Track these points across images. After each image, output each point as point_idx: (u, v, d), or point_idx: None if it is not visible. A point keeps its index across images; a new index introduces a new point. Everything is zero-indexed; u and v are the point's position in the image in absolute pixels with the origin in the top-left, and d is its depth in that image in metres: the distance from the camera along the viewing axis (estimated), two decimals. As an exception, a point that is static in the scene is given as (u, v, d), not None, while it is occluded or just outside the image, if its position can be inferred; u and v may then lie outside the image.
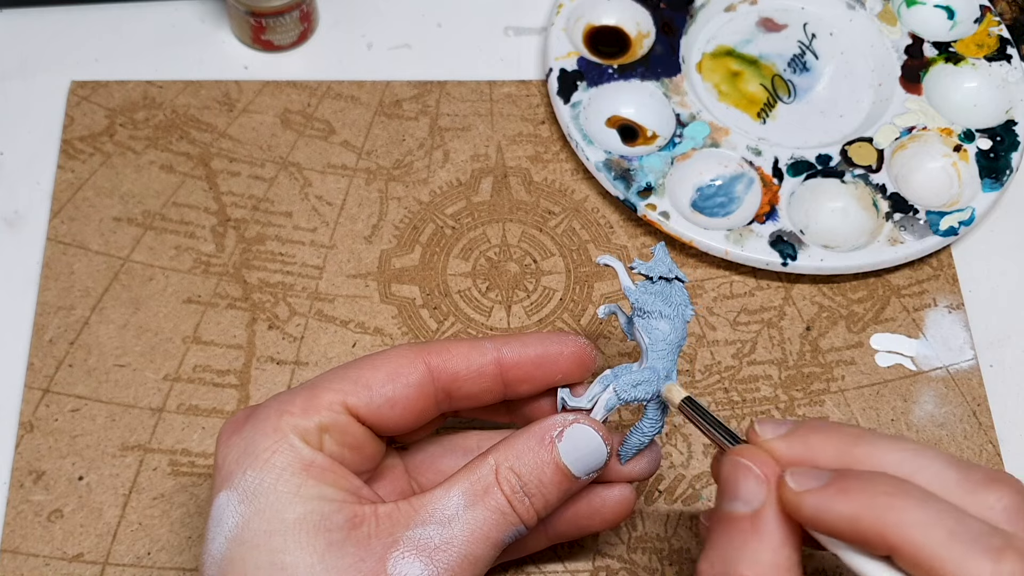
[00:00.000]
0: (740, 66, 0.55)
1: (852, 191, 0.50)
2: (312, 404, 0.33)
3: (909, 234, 0.49)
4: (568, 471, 0.35)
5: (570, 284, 0.48)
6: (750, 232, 0.49)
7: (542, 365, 0.36)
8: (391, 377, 0.34)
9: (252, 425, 0.33)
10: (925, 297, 0.49)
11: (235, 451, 0.33)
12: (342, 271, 0.48)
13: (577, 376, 0.37)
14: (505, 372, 0.36)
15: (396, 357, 0.35)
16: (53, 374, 0.45)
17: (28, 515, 0.42)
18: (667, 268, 0.37)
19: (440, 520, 0.33)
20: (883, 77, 0.54)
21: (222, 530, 0.32)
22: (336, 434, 0.33)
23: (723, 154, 0.51)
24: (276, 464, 0.32)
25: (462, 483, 0.34)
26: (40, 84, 0.52)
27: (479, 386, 0.36)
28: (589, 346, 0.37)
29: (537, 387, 0.37)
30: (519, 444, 0.35)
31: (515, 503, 0.34)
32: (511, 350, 0.36)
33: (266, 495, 0.32)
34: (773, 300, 0.49)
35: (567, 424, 0.35)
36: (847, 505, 0.28)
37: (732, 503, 0.30)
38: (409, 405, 0.35)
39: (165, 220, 0.49)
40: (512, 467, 0.34)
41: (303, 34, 0.54)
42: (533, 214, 0.50)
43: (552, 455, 0.35)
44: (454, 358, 0.35)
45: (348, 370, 0.35)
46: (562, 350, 0.36)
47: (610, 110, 0.52)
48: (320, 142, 0.51)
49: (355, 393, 0.34)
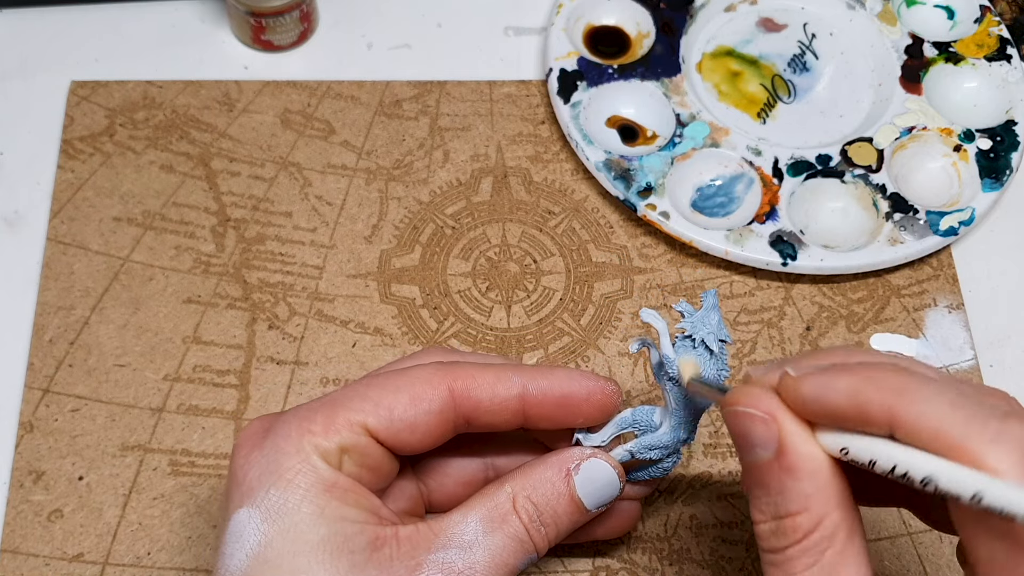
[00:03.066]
0: (740, 66, 0.55)
1: (852, 191, 0.50)
2: (333, 424, 0.33)
3: (909, 234, 0.49)
4: (581, 503, 0.35)
5: (570, 284, 0.48)
6: (750, 232, 0.49)
7: (565, 407, 0.36)
8: (413, 402, 0.34)
9: (273, 442, 0.33)
10: (925, 297, 0.49)
11: (256, 468, 0.33)
12: (342, 271, 0.48)
13: (597, 421, 0.36)
14: (527, 408, 0.35)
15: (420, 380, 0.34)
16: (53, 374, 0.45)
17: (28, 515, 0.42)
18: (715, 326, 0.35)
19: (461, 544, 0.33)
20: (883, 77, 0.54)
21: (242, 547, 0.32)
22: (355, 455, 0.33)
23: (723, 154, 0.51)
24: (300, 485, 0.32)
25: (479, 509, 0.34)
26: (40, 84, 0.52)
27: (499, 418, 0.35)
28: (615, 393, 0.36)
29: (556, 426, 0.36)
30: (536, 475, 0.35)
31: (532, 532, 0.34)
32: (536, 387, 0.35)
33: (290, 515, 0.32)
34: (773, 300, 0.49)
35: (584, 458, 0.35)
36: (848, 381, 0.28)
37: (751, 454, 0.30)
38: (429, 430, 0.34)
39: (165, 220, 0.49)
40: (529, 496, 0.34)
41: (303, 34, 0.54)
42: (533, 214, 0.50)
43: (568, 487, 0.35)
44: (479, 387, 0.35)
45: (370, 390, 0.34)
46: (588, 397, 0.36)
47: (610, 110, 0.52)
48: (320, 142, 0.51)
49: (376, 415, 0.33)
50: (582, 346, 0.47)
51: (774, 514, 0.29)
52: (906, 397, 0.27)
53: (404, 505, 0.37)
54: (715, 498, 0.43)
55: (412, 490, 0.37)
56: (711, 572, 0.42)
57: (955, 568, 0.42)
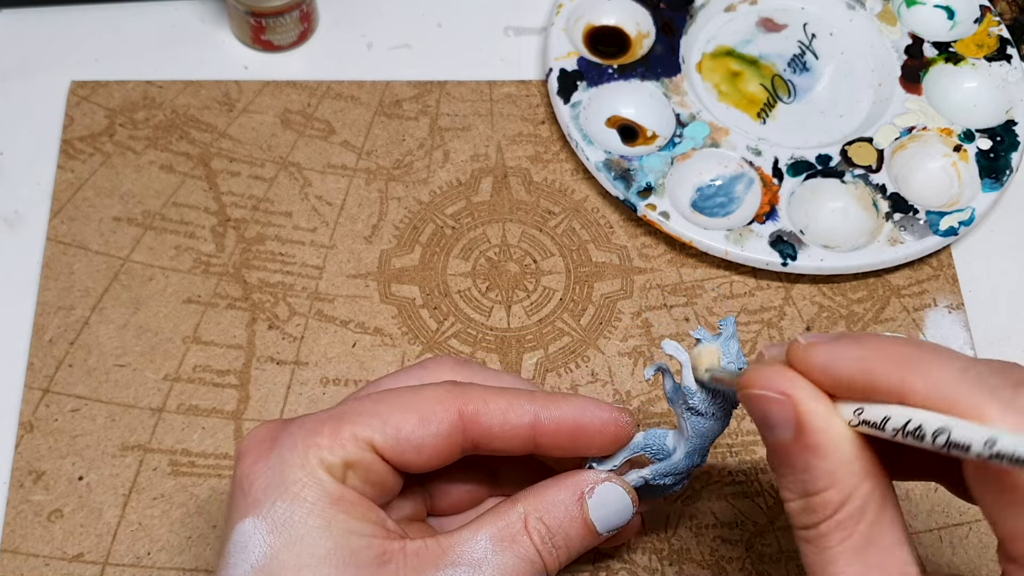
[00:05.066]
0: (740, 66, 0.55)
1: (852, 191, 0.50)
2: (339, 438, 0.33)
3: (909, 234, 0.49)
4: (594, 527, 0.35)
5: (570, 284, 0.48)
6: (750, 232, 0.48)
7: (577, 438, 0.35)
8: (422, 423, 0.33)
9: (279, 453, 0.33)
10: (925, 297, 0.49)
11: (263, 479, 0.32)
12: (342, 271, 0.48)
13: (610, 452, 0.36)
14: (538, 436, 0.35)
15: (431, 401, 0.34)
16: (53, 374, 0.45)
17: (28, 515, 0.42)
18: (734, 355, 0.34)
19: (469, 562, 0.33)
20: (883, 77, 0.54)
21: (247, 558, 0.32)
22: (360, 471, 0.33)
23: (723, 154, 0.51)
24: (307, 498, 0.32)
25: (489, 527, 0.34)
26: (40, 84, 0.52)
27: (509, 444, 0.35)
28: (630, 425, 0.36)
29: (567, 455, 0.36)
30: (550, 496, 0.35)
31: (544, 553, 0.34)
32: (549, 416, 0.35)
33: (296, 528, 0.31)
34: (773, 300, 0.49)
35: (599, 481, 0.35)
36: (857, 350, 0.28)
37: (771, 435, 0.29)
38: (436, 452, 0.34)
39: (165, 220, 0.49)
40: (542, 518, 0.34)
41: (303, 34, 0.54)
42: (533, 214, 0.50)
43: (582, 511, 0.35)
44: (490, 413, 0.34)
45: (378, 406, 0.34)
46: (601, 429, 0.35)
47: (610, 110, 0.52)
48: (320, 142, 0.51)
49: (383, 432, 0.33)
50: (582, 346, 0.47)
51: (802, 492, 0.29)
52: (915, 365, 0.26)
53: (408, 512, 0.37)
54: (715, 498, 0.43)
55: (416, 499, 0.37)
56: (711, 572, 0.42)
57: (955, 568, 0.42)
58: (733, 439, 0.45)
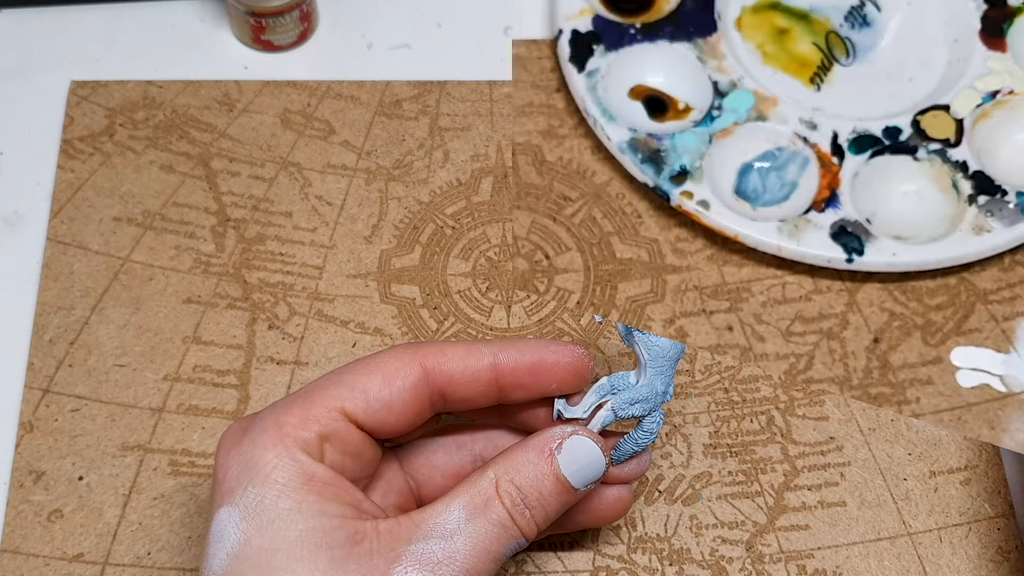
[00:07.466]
0: (788, 22, 0.48)
1: (927, 170, 0.44)
2: (310, 413, 0.33)
3: (997, 220, 0.43)
4: (568, 483, 0.35)
5: (589, 284, 0.44)
6: (807, 223, 0.43)
7: (537, 374, 0.36)
8: (387, 381, 0.34)
9: (251, 439, 0.33)
10: (1017, 303, 0.44)
11: (235, 466, 0.33)
12: (342, 271, 0.48)
13: (572, 387, 0.37)
14: (500, 378, 0.36)
15: (391, 360, 0.35)
16: (53, 374, 0.45)
17: (28, 515, 0.42)
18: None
19: (442, 534, 0.33)
20: (959, 31, 0.47)
21: (223, 546, 0.32)
22: (336, 443, 0.33)
23: (771, 129, 0.45)
24: (277, 480, 0.32)
25: (462, 497, 0.34)
26: (40, 84, 0.52)
27: (474, 390, 0.36)
28: (587, 356, 0.36)
29: (531, 395, 0.36)
30: (518, 457, 0.35)
31: (516, 516, 0.34)
32: (507, 356, 0.36)
33: (267, 512, 0.32)
34: (834, 306, 0.44)
35: (566, 436, 0.35)
36: None
37: None
38: (405, 408, 0.35)
39: (165, 220, 0.49)
40: (512, 480, 0.34)
41: (303, 34, 0.54)
42: (545, 200, 0.46)
43: (552, 467, 0.35)
44: (450, 360, 0.35)
45: (342, 375, 0.34)
46: (559, 360, 0.36)
47: (634, 79, 0.46)
48: (320, 142, 0.51)
49: (351, 399, 0.34)
50: (582, 346, 0.47)
51: None
52: None
53: (394, 500, 0.37)
54: (715, 498, 0.43)
55: (401, 485, 0.38)
56: (711, 572, 0.42)
57: (955, 568, 0.42)
58: (733, 439, 0.45)
